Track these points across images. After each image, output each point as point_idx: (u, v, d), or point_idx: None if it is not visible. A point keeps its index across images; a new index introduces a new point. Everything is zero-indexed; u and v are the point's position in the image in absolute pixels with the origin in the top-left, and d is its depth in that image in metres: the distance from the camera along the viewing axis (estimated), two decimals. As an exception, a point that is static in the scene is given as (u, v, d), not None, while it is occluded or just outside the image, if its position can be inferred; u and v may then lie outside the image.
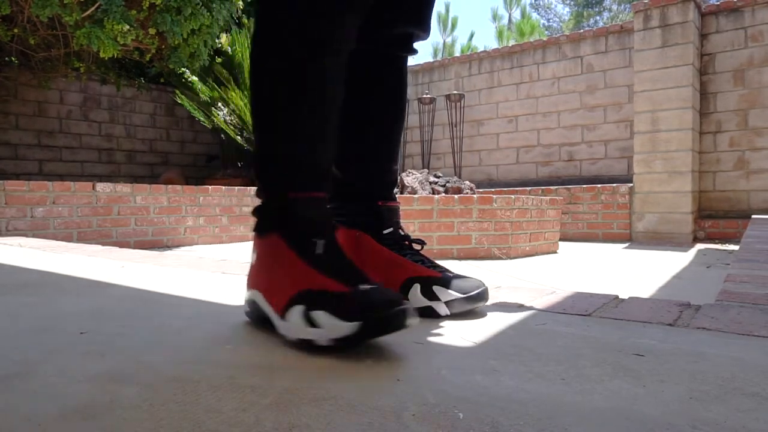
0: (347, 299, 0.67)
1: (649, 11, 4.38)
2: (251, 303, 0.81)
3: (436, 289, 0.89)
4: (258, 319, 0.80)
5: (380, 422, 0.48)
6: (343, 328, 0.64)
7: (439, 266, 0.97)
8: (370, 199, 1.01)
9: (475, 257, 3.22)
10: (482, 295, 0.90)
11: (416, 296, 0.89)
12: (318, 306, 0.67)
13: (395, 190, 1.06)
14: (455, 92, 5.93)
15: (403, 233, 1.01)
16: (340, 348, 0.67)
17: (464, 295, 0.88)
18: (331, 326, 0.65)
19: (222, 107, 5.46)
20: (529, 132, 5.67)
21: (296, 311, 0.69)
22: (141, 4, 3.68)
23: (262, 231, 0.81)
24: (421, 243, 1.01)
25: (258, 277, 0.80)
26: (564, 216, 4.71)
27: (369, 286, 0.70)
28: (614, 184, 4.62)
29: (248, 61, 5.85)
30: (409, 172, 3.93)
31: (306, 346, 0.69)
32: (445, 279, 0.92)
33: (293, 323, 0.69)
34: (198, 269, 1.53)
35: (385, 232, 0.98)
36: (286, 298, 0.71)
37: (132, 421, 0.48)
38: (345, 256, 0.78)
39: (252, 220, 0.84)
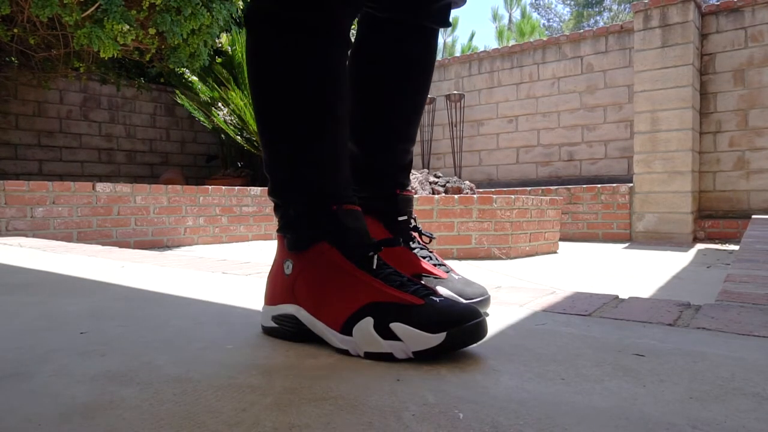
0: (428, 311, 0.66)
1: (649, 11, 4.38)
2: (287, 318, 0.75)
3: (439, 289, 0.89)
4: (295, 335, 0.75)
5: (380, 422, 0.48)
6: (429, 339, 0.64)
7: (446, 266, 0.97)
8: (388, 186, 0.99)
9: (475, 257, 3.22)
10: (484, 303, 0.90)
11: None
12: (394, 318, 0.66)
13: None
14: (455, 92, 5.93)
15: (414, 224, 1.00)
16: (377, 358, 0.66)
17: (465, 301, 0.88)
18: (414, 338, 0.64)
19: (222, 107, 5.46)
20: (529, 132, 5.67)
21: (365, 324, 0.67)
22: (141, 4, 3.68)
23: (303, 245, 0.75)
24: (431, 237, 1.00)
25: (299, 292, 0.74)
26: (564, 216, 4.71)
27: (439, 299, 0.68)
28: (614, 184, 4.62)
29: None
30: (409, 172, 3.92)
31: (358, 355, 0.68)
32: (450, 281, 0.92)
33: (362, 337, 0.67)
34: (198, 269, 1.53)
35: (399, 219, 0.98)
36: (349, 311, 0.69)
37: (132, 421, 0.48)
38: (395, 269, 0.75)
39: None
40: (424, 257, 0.96)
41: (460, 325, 0.64)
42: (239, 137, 5.49)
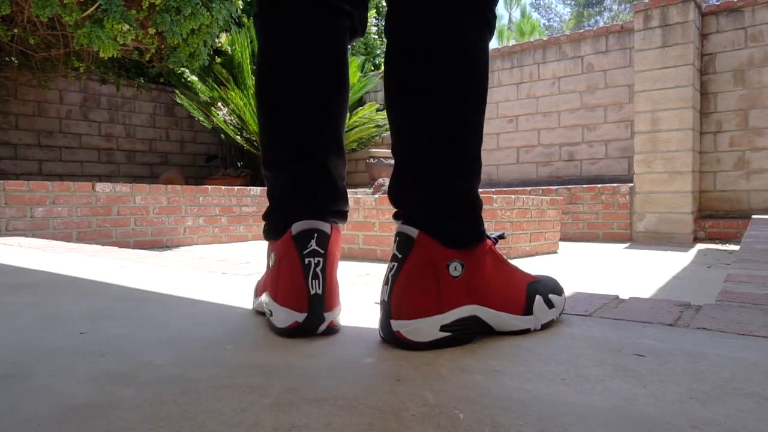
0: (549, 282, 0.82)
1: (649, 11, 4.38)
2: (467, 321, 0.71)
3: None
4: (472, 337, 0.72)
5: (380, 422, 0.48)
6: (564, 302, 0.83)
7: None
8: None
9: (475, 257, 3.21)
10: None
11: None
12: (547, 291, 0.80)
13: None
14: (455, 92, 5.92)
15: None
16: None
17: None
18: (560, 303, 0.82)
19: (222, 107, 5.45)
20: (529, 132, 5.67)
21: (539, 302, 0.78)
22: (141, 3, 3.68)
23: (479, 239, 0.74)
24: None
25: (480, 290, 0.73)
26: (564, 216, 4.71)
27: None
28: (615, 184, 4.62)
29: (248, 60, 5.75)
30: (409, 172, 3.92)
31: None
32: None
33: (541, 313, 0.78)
34: (198, 269, 1.53)
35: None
36: (522, 296, 0.77)
37: (132, 421, 0.48)
38: None
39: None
40: None
41: (563, 289, 0.85)
42: (239, 137, 5.49)
